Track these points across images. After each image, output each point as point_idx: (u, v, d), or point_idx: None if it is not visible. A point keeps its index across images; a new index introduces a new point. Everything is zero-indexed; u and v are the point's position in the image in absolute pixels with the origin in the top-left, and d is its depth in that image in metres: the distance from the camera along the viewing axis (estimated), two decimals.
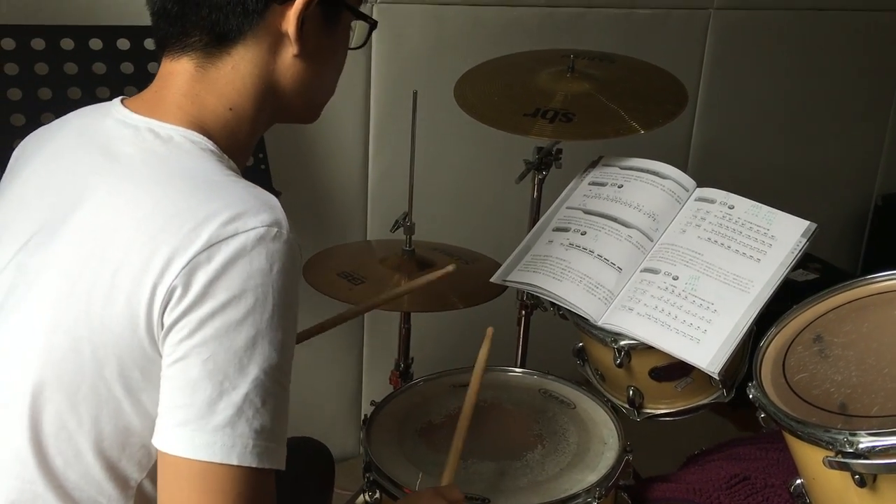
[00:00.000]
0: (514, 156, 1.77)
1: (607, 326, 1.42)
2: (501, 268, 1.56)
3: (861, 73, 3.12)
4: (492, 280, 1.55)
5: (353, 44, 1.01)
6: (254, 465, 0.79)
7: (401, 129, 2.11)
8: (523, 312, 1.85)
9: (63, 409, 0.83)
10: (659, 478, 1.50)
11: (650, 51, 2.49)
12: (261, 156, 1.67)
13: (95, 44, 1.55)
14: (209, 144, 0.88)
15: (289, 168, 2.15)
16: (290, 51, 0.91)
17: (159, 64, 0.92)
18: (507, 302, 1.86)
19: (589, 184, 1.60)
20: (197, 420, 0.78)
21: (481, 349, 1.31)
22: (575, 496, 1.25)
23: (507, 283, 1.54)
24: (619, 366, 1.42)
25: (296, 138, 2.15)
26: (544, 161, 1.75)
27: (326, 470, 1.46)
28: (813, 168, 3.15)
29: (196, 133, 0.88)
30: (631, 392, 1.48)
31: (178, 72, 0.90)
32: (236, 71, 0.90)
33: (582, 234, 1.51)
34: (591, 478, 1.29)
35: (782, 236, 1.40)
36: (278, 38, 0.90)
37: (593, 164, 1.63)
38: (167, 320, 0.79)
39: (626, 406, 1.51)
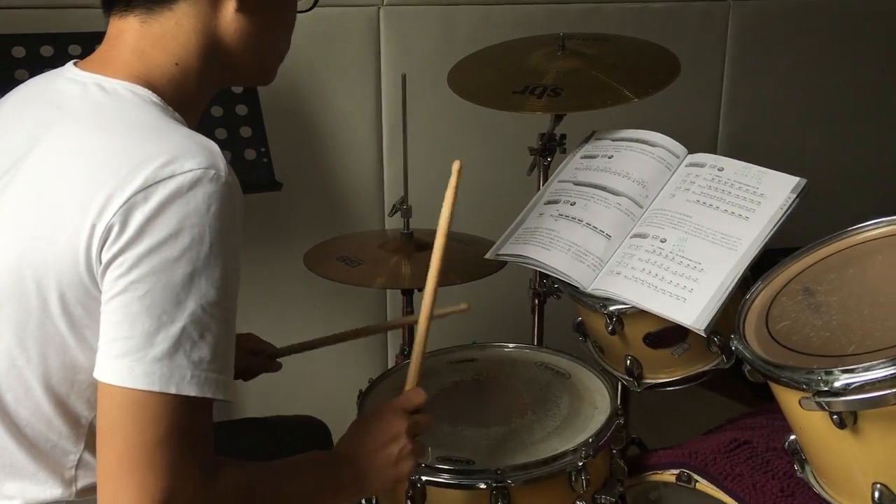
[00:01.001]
0: (522, 146, 1.79)
1: (596, 292, 1.42)
2: (496, 244, 1.57)
3: (894, 61, 3.04)
4: (486, 256, 1.56)
5: (301, 7, 1.05)
6: (192, 394, 0.82)
7: (415, 124, 2.17)
8: (536, 301, 1.86)
9: (12, 345, 0.88)
10: (660, 448, 1.48)
11: (668, 44, 2.49)
12: (263, 150, 1.73)
13: (47, 51, 1.64)
14: (153, 97, 0.93)
15: (308, 165, 2.22)
16: (230, 5, 0.95)
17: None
18: (522, 290, 1.87)
19: (581, 157, 1.60)
20: (136, 352, 0.81)
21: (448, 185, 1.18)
22: (560, 456, 1.24)
23: (501, 258, 1.55)
24: (612, 333, 1.41)
25: (312, 137, 2.22)
26: (548, 147, 1.77)
27: (324, 446, 1.48)
28: (848, 160, 3.05)
29: (141, 87, 0.93)
30: (629, 362, 1.46)
31: (124, 29, 0.95)
32: (180, 26, 0.94)
33: (571, 205, 1.52)
34: (579, 439, 1.27)
35: (772, 193, 1.38)
36: None
37: (586, 140, 1.64)
38: (105, 257, 0.83)
39: (626, 377, 1.49)
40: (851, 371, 1.02)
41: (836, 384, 1.02)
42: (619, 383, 1.54)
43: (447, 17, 2.27)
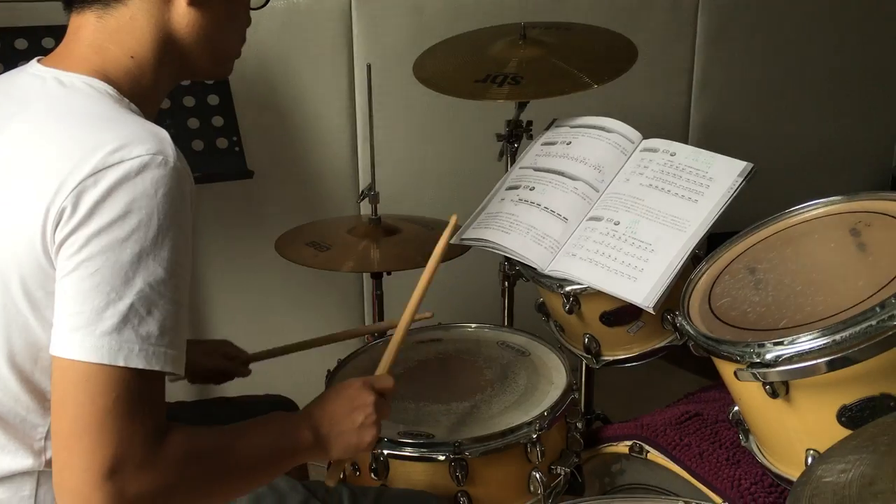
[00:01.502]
0: (490, 132, 1.84)
1: (554, 273, 1.47)
2: (460, 229, 1.63)
3: (868, 45, 3.08)
4: (451, 241, 1.61)
5: (254, 3, 1.10)
6: (139, 367, 0.87)
7: (387, 114, 2.21)
8: (506, 283, 1.92)
9: None
10: (617, 422, 1.54)
11: (638, 32, 2.52)
12: (234, 139, 1.78)
13: (21, 44, 1.68)
14: (109, 89, 0.98)
15: (281, 154, 2.27)
16: (182, 0, 1.00)
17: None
18: (493, 273, 1.93)
19: (541, 144, 1.66)
20: (86, 326, 0.86)
21: (444, 234, 1.31)
22: (516, 429, 1.30)
23: (464, 242, 1.61)
24: (570, 312, 1.47)
25: (285, 125, 2.26)
26: (514, 133, 1.82)
27: None
28: (825, 143, 3.11)
29: (98, 80, 0.98)
30: (587, 340, 1.52)
31: (82, 25, 1.00)
32: (134, 21, 0.99)
33: (531, 190, 1.57)
34: (535, 412, 1.33)
35: (720, 177, 1.43)
36: None
37: (547, 127, 1.69)
38: (58, 237, 0.88)
39: (585, 354, 1.55)
40: (781, 343, 1.08)
41: (768, 356, 1.09)
42: (582, 361, 1.61)
43: (418, 7, 2.31)
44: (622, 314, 1.47)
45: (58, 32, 1.72)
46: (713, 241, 1.41)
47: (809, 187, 1.82)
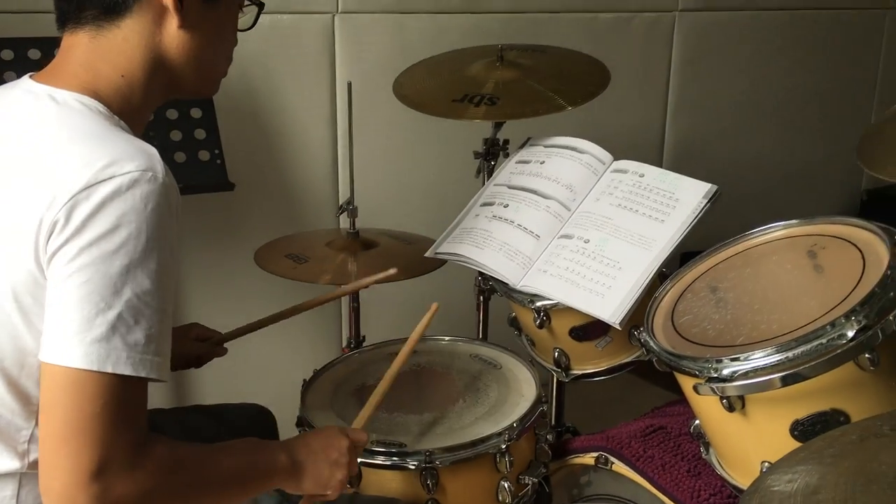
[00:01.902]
0: (468, 150, 1.89)
1: (525, 289, 1.52)
2: (435, 243, 1.67)
3: (837, 70, 3.17)
4: (426, 255, 1.66)
5: (241, 26, 1.14)
6: (126, 373, 0.90)
7: (367, 130, 2.26)
8: (481, 298, 1.97)
9: None
10: (584, 435, 1.59)
11: (617, 54, 2.60)
12: (216, 151, 1.81)
13: (7, 54, 1.71)
14: (100, 106, 1.01)
15: (263, 167, 2.31)
16: (173, 22, 1.04)
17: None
18: (468, 289, 1.97)
19: (516, 162, 1.71)
20: (76, 334, 0.89)
21: (423, 319, 1.40)
22: (485, 439, 1.34)
23: (439, 256, 1.65)
24: (541, 326, 1.51)
25: (267, 139, 2.30)
26: (491, 151, 1.88)
27: (267, 429, 1.56)
28: (796, 165, 3.19)
29: (89, 97, 1.01)
30: (557, 354, 1.57)
31: (75, 44, 1.04)
32: (126, 41, 1.03)
33: (505, 207, 1.62)
34: (504, 423, 1.38)
35: (686, 198, 1.49)
36: (162, 11, 1.04)
37: (522, 146, 1.74)
38: (50, 248, 0.91)
39: (555, 368, 1.60)
40: (737, 359, 1.13)
41: (725, 371, 1.14)
42: (553, 375, 1.65)
43: (400, 25, 2.37)
44: (591, 329, 1.51)
45: (44, 44, 1.76)
46: (686, 259, 1.46)
47: (781, 208, 1.88)
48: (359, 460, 1.32)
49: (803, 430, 1.13)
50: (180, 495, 0.96)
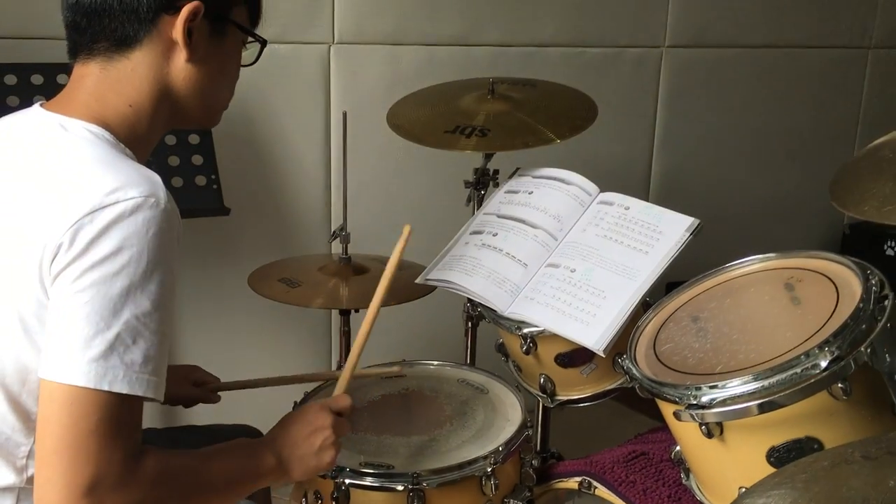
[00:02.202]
0: (459, 179, 1.94)
1: (512, 316, 1.56)
2: (425, 269, 1.71)
3: (821, 107, 3.25)
4: (416, 281, 1.70)
5: (244, 60, 1.19)
6: (122, 391, 0.94)
7: (361, 158, 2.31)
8: (469, 324, 2.00)
9: None
10: (568, 460, 1.62)
11: (604, 88, 2.67)
12: (213, 177, 1.85)
13: (10, 79, 1.76)
14: (107, 135, 1.06)
15: (258, 192, 2.35)
16: (181, 56, 1.09)
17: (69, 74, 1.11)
18: (456, 315, 2.01)
19: (505, 192, 1.75)
20: (75, 353, 0.93)
21: (398, 243, 1.39)
22: (472, 462, 1.38)
23: (429, 282, 1.69)
24: (527, 353, 1.55)
25: (263, 165, 2.35)
26: (481, 181, 1.92)
27: None
28: (779, 198, 3.26)
29: (97, 126, 1.06)
30: (542, 380, 1.61)
31: (86, 74, 1.08)
32: (135, 73, 1.08)
33: (493, 236, 1.66)
34: (490, 447, 1.41)
35: (669, 231, 1.53)
36: (170, 45, 1.08)
37: (511, 176, 1.79)
38: (54, 270, 0.95)
39: (541, 394, 1.63)
40: (716, 387, 1.17)
41: (704, 398, 1.18)
42: (539, 401, 1.69)
43: (394, 57, 2.43)
44: (576, 356, 1.55)
45: (46, 70, 1.80)
46: (672, 289, 1.49)
47: (765, 241, 1.93)
48: (347, 481, 1.35)
49: (779, 456, 1.17)
50: None
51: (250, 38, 1.17)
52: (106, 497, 0.92)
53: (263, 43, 1.20)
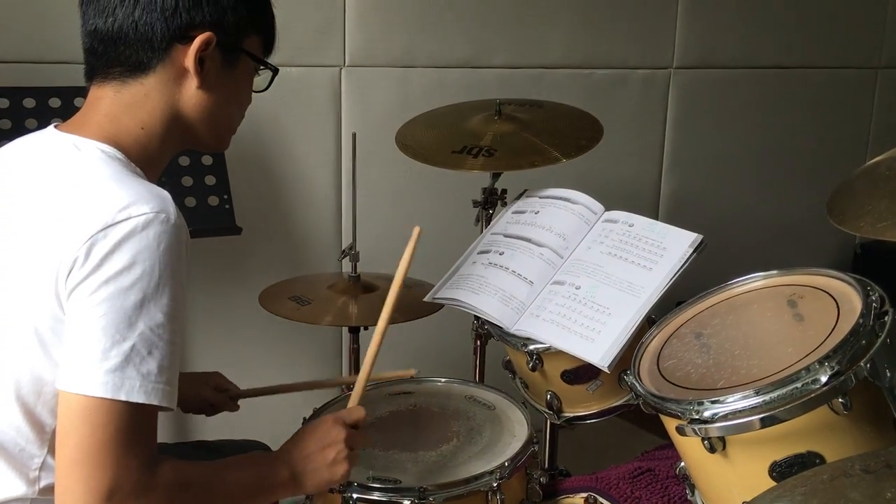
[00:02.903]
0: (467, 198, 1.97)
1: (519, 333, 1.58)
2: (434, 288, 1.74)
3: (830, 126, 3.26)
4: (424, 299, 1.73)
5: (256, 87, 1.22)
6: (139, 401, 0.97)
7: (370, 178, 2.34)
8: (478, 342, 2.02)
9: None
10: (576, 476, 1.63)
11: (612, 109, 2.70)
12: (225, 196, 1.89)
13: (29, 102, 1.81)
14: (118, 154, 1.09)
15: (269, 212, 2.39)
16: (193, 83, 1.13)
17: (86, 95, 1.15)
18: (465, 332, 2.03)
19: (512, 213, 1.78)
20: (93, 364, 0.96)
21: (409, 246, 1.41)
22: (478, 476, 1.39)
23: (437, 301, 1.71)
24: (533, 369, 1.57)
25: (275, 186, 2.39)
26: (489, 200, 1.95)
27: None
28: (789, 218, 3.26)
29: (109, 146, 1.09)
30: (549, 396, 1.62)
31: (101, 97, 1.12)
32: (148, 97, 1.11)
33: (500, 254, 1.69)
34: (496, 462, 1.42)
35: (673, 248, 1.55)
36: (183, 72, 1.12)
37: (518, 197, 1.82)
38: (70, 284, 0.98)
39: (548, 410, 1.65)
40: (718, 401, 1.18)
41: (706, 413, 1.19)
42: (546, 418, 1.70)
43: (404, 79, 2.47)
44: (581, 373, 1.57)
45: (64, 93, 1.85)
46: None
47: (776, 260, 1.92)
48: (355, 496, 1.37)
49: (781, 471, 1.18)
50: None
51: (261, 67, 1.20)
52: None
53: (275, 71, 1.23)
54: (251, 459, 1.14)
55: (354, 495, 1.37)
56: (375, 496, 1.37)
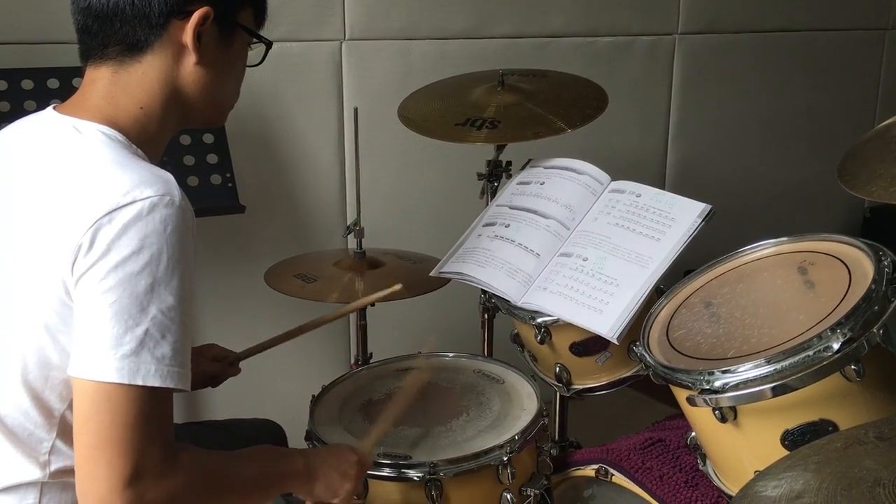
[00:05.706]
0: (472, 171, 1.95)
1: (526, 306, 1.57)
2: (439, 263, 1.72)
3: (838, 90, 3.21)
4: (430, 274, 1.71)
5: (250, 61, 1.20)
6: (156, 385, 0.96)
7: (374, 153, 2.32)
8: (486, 316, 2.01)
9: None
10: (586, 448, 1.63)
11: (617, 77, 2.66)
12: (228, 175, 1.87)
13: (27, 84, 1.80)
14: (119, 136, 1.07)
15: (273, 189, 2.37)
16: (191, 59, 1.11)
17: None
18: (473, 306, 2.02)
19: (517, 184, 1.76)
20: (107, 351, 0.95)
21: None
22: (488, 451, 1.39)
23: (443, 275, 1.70)
24: (542, 342, 1.56)
25: (277, 162, 2.37)
26: (494, 172, 1.93)
27: (277, 443, 1.62)
28: (797, 183, 3.23)
29: (109, 128, 1.07)
30: (558, 369, 1.62)
31: (98, 78, 1.10)
32: (146, 76, 1.09)
33: (506, 227, 1.67)
34: (506, 436, 1.42)
35: (681, 217, 1.54)
36: (180, 49, 1.10)
37: (522, 167, 1.80)
38: (76, 271, 0.97)
39: (557, 383, 1.64)
40: (729, 371, 1.17)
41: (716, 383, 1.18)
42: (555, 390, 1.69)
43: (406, 52, 2.43)
44: (590, 345, 1.56)
45: (62, 74, 1.83)
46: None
47: (785, 225, 1.91)
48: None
49: (793, 439, 1.17)
50: (205, 499, 1.03)
51: (256, 40, 1.19)
52: (148, 487, 0.95)
53: (269, 44, 1.21)
54: (268, 450, 1.17)
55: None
56: (385, 472, 1.37)
